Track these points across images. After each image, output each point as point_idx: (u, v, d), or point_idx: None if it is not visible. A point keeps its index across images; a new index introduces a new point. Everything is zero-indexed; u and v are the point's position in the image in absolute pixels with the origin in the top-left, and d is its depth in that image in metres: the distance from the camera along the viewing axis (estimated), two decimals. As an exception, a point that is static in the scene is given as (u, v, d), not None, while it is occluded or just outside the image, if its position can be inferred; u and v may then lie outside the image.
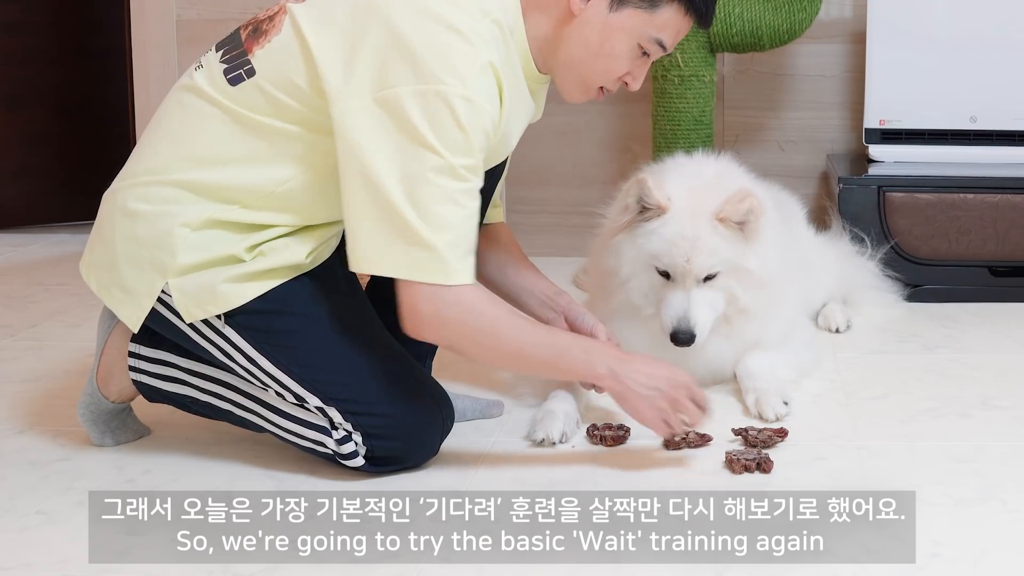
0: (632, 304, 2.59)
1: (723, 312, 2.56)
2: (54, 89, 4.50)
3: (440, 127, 2.05)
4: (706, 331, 2.52)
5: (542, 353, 2.16)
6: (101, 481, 2.23)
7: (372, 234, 2.08)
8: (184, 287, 2.16)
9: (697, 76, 3.45)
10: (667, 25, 2.21)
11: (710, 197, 2.51)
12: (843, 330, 3.11)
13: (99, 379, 2.36)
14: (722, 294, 2.54)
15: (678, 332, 2.50)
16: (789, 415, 2.48)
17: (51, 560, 1.94)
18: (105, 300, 2.26)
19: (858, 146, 3.74)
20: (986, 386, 2.68)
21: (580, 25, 2.20)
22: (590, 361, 2.18)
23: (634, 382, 2.18)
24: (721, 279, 2.53)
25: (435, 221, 2.05)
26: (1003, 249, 3.35)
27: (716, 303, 2.55)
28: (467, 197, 2.09)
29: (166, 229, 2.16)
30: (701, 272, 2.51)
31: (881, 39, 3.53)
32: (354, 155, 2.07)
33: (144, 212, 2.18)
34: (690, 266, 2.50)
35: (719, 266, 2.52)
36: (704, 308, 2.52)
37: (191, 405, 2.34)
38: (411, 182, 2.05)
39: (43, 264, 4.01)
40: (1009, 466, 2.24)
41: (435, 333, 2.13)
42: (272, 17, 2.21)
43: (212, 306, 2.16)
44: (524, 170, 3.95)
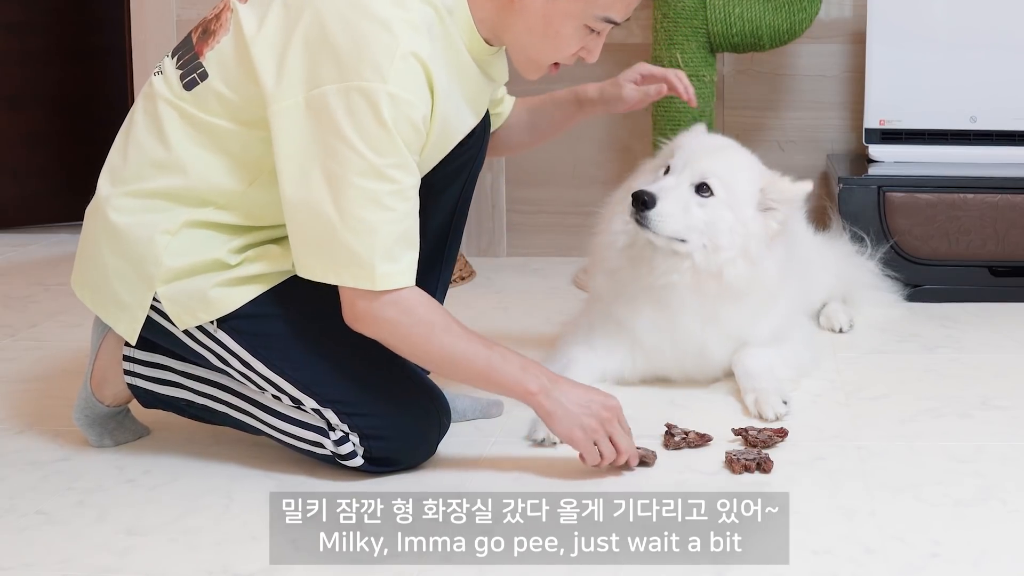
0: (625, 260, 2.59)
1: (693, 258, 2.50)
2: (54, 89, 4.50)
3: (362, 127, 2.01)
4: (667, 217, 2.46)
5: (476, 363, 2.14)
6: (101, 481, 2.23)
7: (304, 239, 2.08)
8: (173, 295, 2.15)
9: (697, 76, 3.45)
10: (613, 3, 2.14)
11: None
12: (846, 330, 3.10)
13: (93, 384, 2.35)
14: (702, 215, 2.49)
15: (641, 192, 2.46)
16: (789, 415, 2.48)
17: (51, 560, 1.94)
18: (101, 316, 2.26)
19: (858, 146, 3.74)
20: (986, 386, 2.68)
21: (521, 11, 2.15)
22: (523, 378, 2.15)
23: (568, 401, 2.15)
24: (714, 204, 2.50)
25: (359, 226, 2.03)
26: (1003, 249, 3.35)
27: (693, 211, 2.49)
28: (396, 199, 2.05)
29: (147, 238, 2.15)
30: (701, 167, 2.50)
31: (881, 39, 3.53)
32: (286, 158, 2.06)
33: (124, 225, 2.17)
34: (695, 156, 2.51)
35: (715, 178, 2.49)
36: (679, 201, 2.48)
37: (187, 408, 2.34)
38: (336, 186, 2.03)
39: (43, 264, 4.01)
40: (1009, 466, 2.24)
41: (370, 330, 2.12)
42: (219, 16, 2.19)
43: (203, 313, 2.16)
44: (524, 170, 3.96)
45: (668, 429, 2.36)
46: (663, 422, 2.38)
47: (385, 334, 2.12)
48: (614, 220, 2.64)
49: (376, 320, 2.09)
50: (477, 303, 3.45)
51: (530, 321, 3.23)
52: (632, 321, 2.61)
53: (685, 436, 2.34)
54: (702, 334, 2.60)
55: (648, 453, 2.24)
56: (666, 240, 2.51)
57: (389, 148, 2.03)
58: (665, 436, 2.35)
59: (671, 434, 2.35)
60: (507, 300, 3.48)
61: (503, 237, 3.99)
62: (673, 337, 2.60)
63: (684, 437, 2.34)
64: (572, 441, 2.16)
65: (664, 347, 2.62)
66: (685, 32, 3.42)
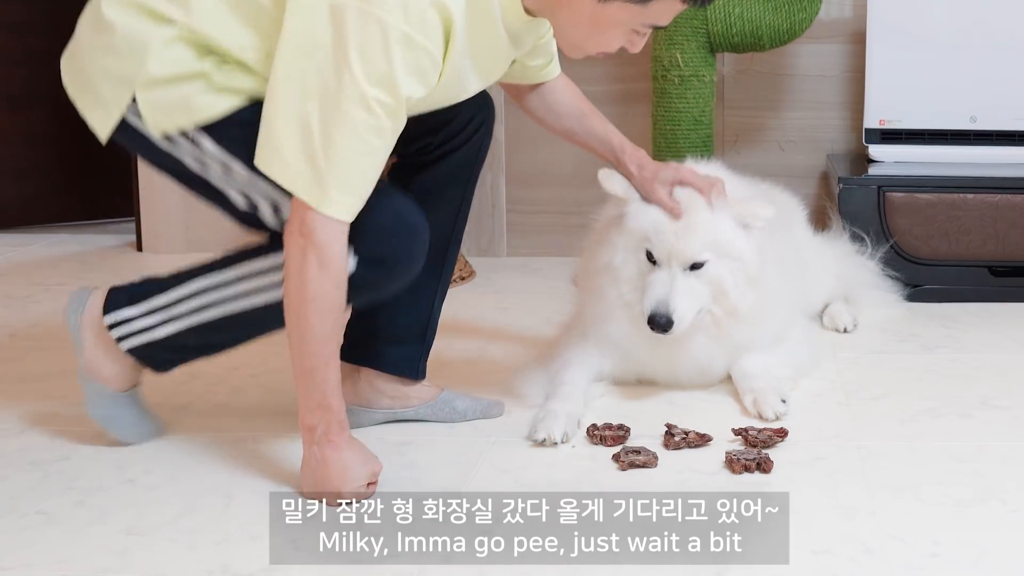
0: (623, 299, 2.58)
1: (710, 310, 2.54)
2: (54, 89, 4.47)
3: (368, 55, 2.01)
4: (686, 320, 2.49)
5: (311, 355, 2.09)
6: (101, 481, 2.23)
7: (276, 131, 2.06)
8: (153, 99, 2.15)
9: (697, 76, 3.45)
10: (660, 14, 2.16)
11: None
12: (851, 329, 3.10)
13: (91, 372, 2.35)
14: (708, 287, 2.52)
15: (656, 315, 2.46)
16: (788, 414, 2.48)
17: (51, 560, 1.94)
18: (77, 104, 2.27)
19: (858, 146, 3.74)
20: (986, 386, 2.68)
21: (569, 8, 2.15)
22: (320, 408, 2.09)
23: (332, 451, 2.09)
24: (710, 269, 2.51)
25: (331, 145, 2.03)
26: (1003, 249, 3.35)
27: (700, 294, 2.51)
28: (372, 133, 2.04)
29: (139, 42, 2.14)
30: (688, 255, 2.49)
31: (881, 39, 3.53)
32: (292, 46, 2.05)
33: (118, 24, 2.16)
34: (677, 247, 2.48)
35: (708, 251, 2.49)
36: (686, 296, 2.49)
37: (191, 343, 2.31)
38: (326, 100, 2.02)
39: (43, 264, 4.01)
40: (1009, 466, 2.24)
41: (286, 240, 2.09)
42: None
43: (185, 118, 2.15)
44: (524, 170, 3.96)
45: (668, 429, 2.36)
46: (663, 422, 2.38)
47: (289, 258, 2.08)
48: (615, 254, 2.60)
49: (293, 235, 2.07)
50: (477, 303, 3.45)
51: (530, 321, 3.23)
52: (631, 343, 2.61)
53: (685, 436, 2.34)
54: (706, 353, 2.61)
55: (649, 457, 2.25)
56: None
57: (384, 83, 2.02)
58: (665, 436, 2.35)
59: (671, 434, 2.35)
60: (507, 300, 3.48)
61: (503, 237, 3.99)
62: (672, 358, 2.60)
63: (684, 437, 2.34)
64: (303, 494, 2.10)
65: (658, 363, 2.62)
66: (685, 32, 3.42)
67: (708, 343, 2.59)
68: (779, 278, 2.62)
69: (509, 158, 3.95)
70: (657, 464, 2.24)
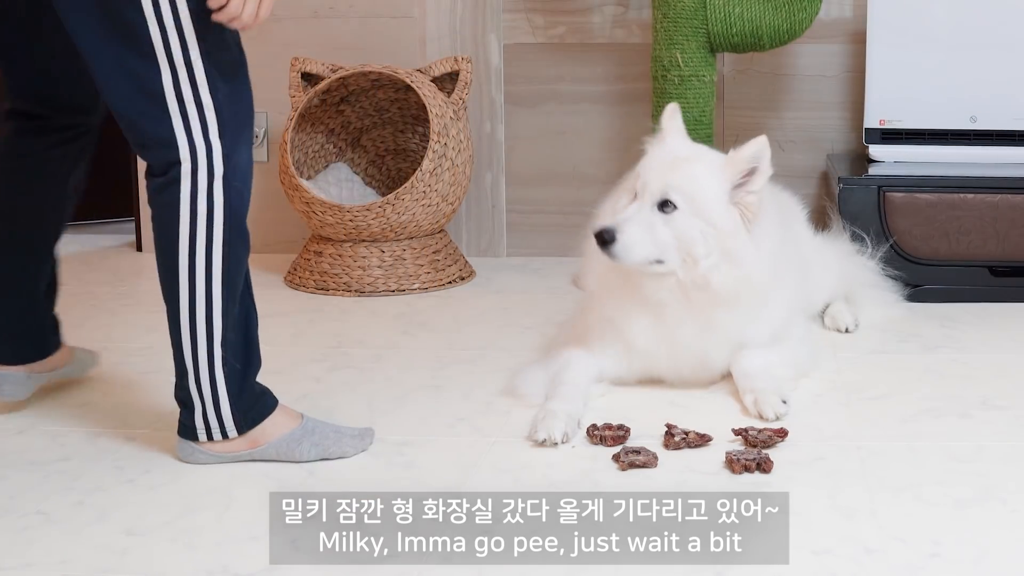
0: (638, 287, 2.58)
1: (676, 273, 2.51)
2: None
3: None
4: (632, 248, 2.47)
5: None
6: (101, 481, 2.23)
7: None
8: None
9: (697, 76, 3.45)
10: None
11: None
12: (852, 330, 3.10)
13: (269, 437, 2.32)
14: (673, 239, 2.50)
15: (602, 230, 2.48)
16: (788, 414, 2.48)
17: (51, 560, 1.94)
18: None
19: (858, 146, 3.74)
20: (986, 386, 2.68)
21: None
22: None
23: None
24: (678, 218, 2.50)
25: None
26: (1003, 249, 3.35)
27: (660, 237, 2.49)
28: None
29: None
30: (655, 187, 2.49)
31: (881, 39, 3.53)
32: None
33: None
34: (649, 177, 2.50)
35: (677, 193, 2.49)
36: (641, 226, 2.49)
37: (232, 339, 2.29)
38: None
39: (43, 264, 4.01)
40: (1009, 466, 2.25)
41: None
42: None
43: None
44: (524, 170, 3.96)
45: (668, 429, 2.36)
46: (663, 422, 2.38)
47: None
48: (618, 198, 2.64)
49: None
50: (477, 303, 3.45)
51: (530, 321, 3.23)
52: (627, 326, 2.61)
53: (685, 436, 2.34)
54: (701, 342, 2.60)
55: (649, 457, 2.25)
56: (641, 265, 2.51)
57: None
58: (665, 436, 2.35)
59: (671, 434, 2.35)
60: (507, 300, 3.48)
61: (503, 237, 3.99)
62: (671, 346, 2.60)
63: (684, 437, 2.34)
64: None
65: (661, 353, 2.62)
66: (685, 32, 3.42)
67: (700, 332, 2.58)
68: (769, 264, 2.58)
69: (509, 158, 3.95)
70: (657, 464, 2.24)
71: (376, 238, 3.54)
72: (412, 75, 3.58)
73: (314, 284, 3.58)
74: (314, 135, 3.76)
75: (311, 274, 3.59)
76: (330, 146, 3.83)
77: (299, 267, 3.65)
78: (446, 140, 3.52)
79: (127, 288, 3.67)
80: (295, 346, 3.05)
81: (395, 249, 3.56)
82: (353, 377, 2.81)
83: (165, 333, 2.26)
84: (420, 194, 3.49)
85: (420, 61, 3.87)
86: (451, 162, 3.54)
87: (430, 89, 3.57)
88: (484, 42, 3.89)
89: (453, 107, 3.59)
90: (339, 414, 2.53)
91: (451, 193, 3.58)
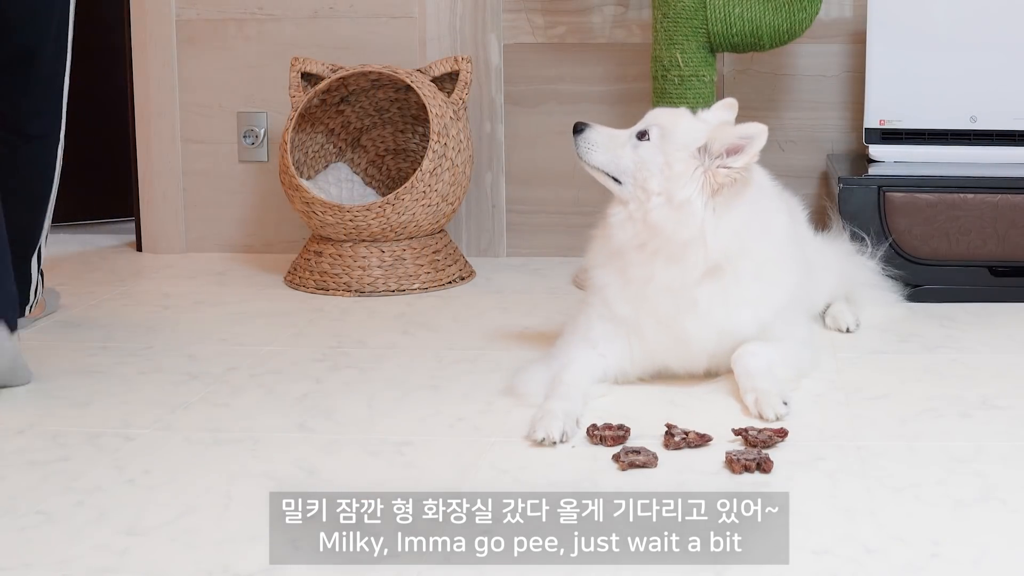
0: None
1: (632, 214, 2.60)
2: (54, 89, 4.48)
3: None
4: (594, 145, 2.65)
5: None
6: (101, 481, 2.23)
7: None
8: None
9: (697, 76, 3.45)
10: None
11: None
12: (853, 329, 3.10)
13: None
14: (637, 157, 2.61)
15: (578, 122, 2.72)
16: (789, 415, 2.48)
17: (51, 560, 1.94)
18: None
19: (858, 146, 3.74)
20: (986, 386, 2.68)
21: None
22: None
23: None
24: (647, 147, 2.62)
25: None
26: (1003, 249, 3.35)
27: (626, 154, 2.63)
28: None
29: None
30: (643, 121, 2.66)
31: (881, 39, 3.53)
32: None
33: None
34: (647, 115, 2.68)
35: (653, 126, 2.63)
36: (614, 139, 2.65)
37: None
38: None
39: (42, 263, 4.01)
40: (1009, 466, 2.24)
41: None
42: None
43: None
44: (524, 170, 3.96)
45: (668, 429, 2.36)
46: (663, 422, 2.38)
47: None
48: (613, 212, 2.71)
49: None
50: (477, 303, 3.45)
51: (530, 321, 3.23)
52: (612, 295, 2.66)
53: (685, 436, 2.34)
54: (681, 320, 2.61)
55: (649, 457, 2.25)
56: (599, 174, 2.66)
57: None
58: (665, 436, 2.35)
59: (671, 434, 2.35)
60: (507, 300, 3.48)
61: (503, 237, 3.99)
62: (656, 323, 2.61)
63: (684, 437, 2.34)
64: None
65: (646, 327, 2.63)
66: (685, 32, 3.42)
67: (677, 306, 2.59)
68: (730, 229, 2.58)
69: (509, 158, 3.95)
70: (657, 464, 2.24)
71: (376, 238, 3.54)
72: (412, 75, 3.58)
73: (314, 284, 3.58)
74: (314, 135, 3.76)
75: (311, 274, 3.59)
76: (330, 146, 3.83)
77: (299, 267, 3.65)
78: (446, 140, 3.52)
79: (127, 288, 3.67)
80: (295, 346, 3.05)
81: (395, 249, 3.57)
82: (353, 377, 2.80)
83: (165, 333, 2.25)
84: (420, 194, 3.49)
85: (420, 61, 3.87)
86: (451, 162, 3.54)
87: (430, 89, 3.57)
88: (484, 42, 3.89)
89: (453, 107, 3.59)
90: (339, 414, 2.54)
91: (451, 193, 3.58)
